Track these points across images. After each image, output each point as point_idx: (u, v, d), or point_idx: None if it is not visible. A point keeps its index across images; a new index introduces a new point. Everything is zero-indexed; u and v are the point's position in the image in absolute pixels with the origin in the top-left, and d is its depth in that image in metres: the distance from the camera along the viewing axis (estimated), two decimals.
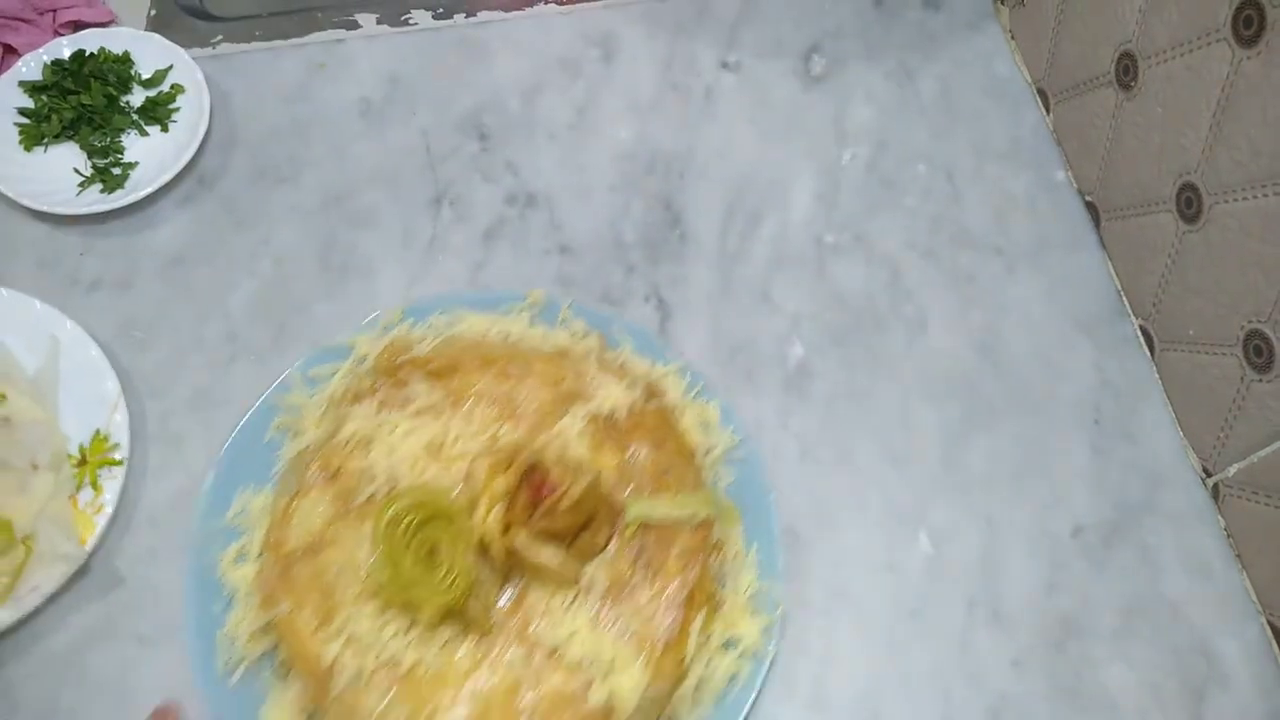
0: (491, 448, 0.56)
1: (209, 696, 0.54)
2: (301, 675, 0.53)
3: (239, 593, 0.56)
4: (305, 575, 0.54)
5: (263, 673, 0.55)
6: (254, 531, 0.58)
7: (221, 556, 0.57)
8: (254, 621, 0.55)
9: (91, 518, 0.59)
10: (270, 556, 0.55)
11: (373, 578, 0.52)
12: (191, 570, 0.57)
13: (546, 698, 0.51)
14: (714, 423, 0.62)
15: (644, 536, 0.56)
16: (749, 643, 0.56)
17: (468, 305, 0.65)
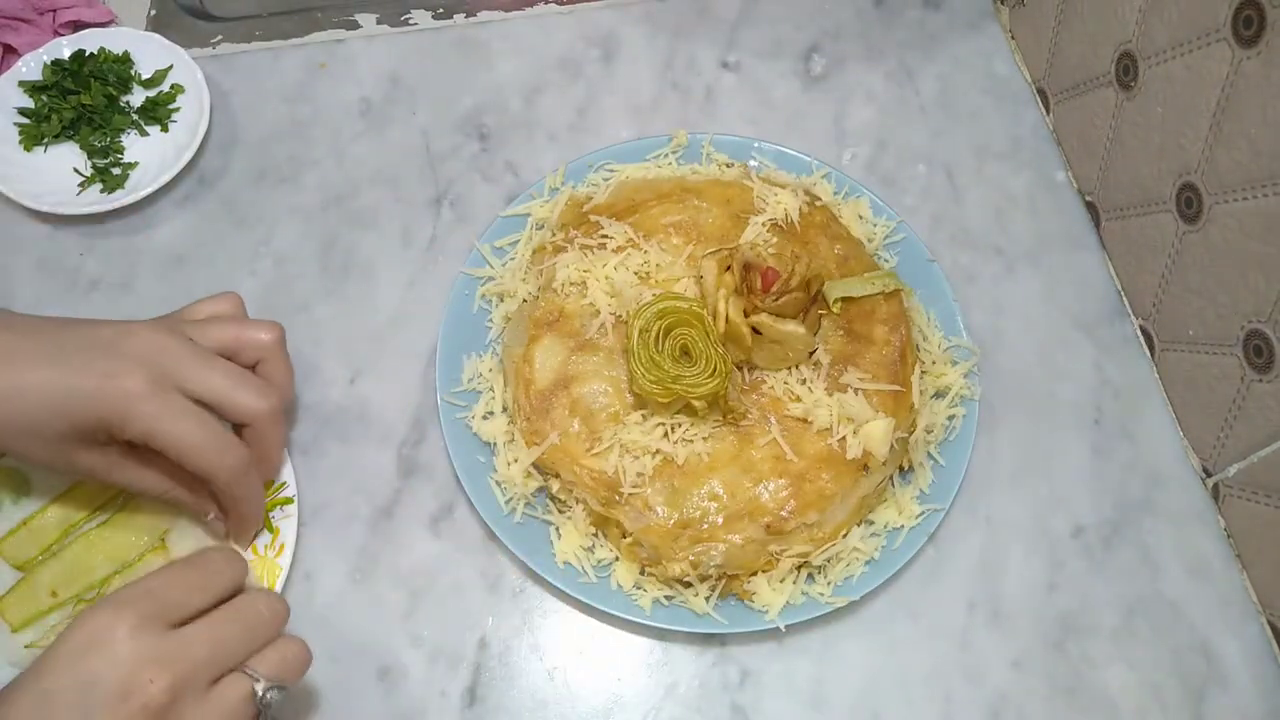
0: (695, 266, 0.62)
1: (501, 534, 0.58)
2: (587, 490, 0.58)
3: (498, 443, 0.61)
4: (562, 407, 0.59)
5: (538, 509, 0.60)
6: (493, 389, 0.63)
7: (470, 417, 0.62)
8: (525, 459, 0.59)
9: (274, 560, 0.58)
10: (524, 399, 0.60)
11: (638, 383, 0.57)
12: (449, 432, 0.61)
13: (811, 458, 0.58)
14: (867, 215, 0.69)
15: (848, 312, 0.62)
16: (956, 389, 0.63)
17: (618, 158, 0.71)
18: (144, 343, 0.51)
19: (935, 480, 0.61)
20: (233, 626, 0.47)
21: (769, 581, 0.57)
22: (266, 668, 0.47)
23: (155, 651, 0.43)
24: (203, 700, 0.45)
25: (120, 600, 0.45)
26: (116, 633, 0.43)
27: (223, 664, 0.45)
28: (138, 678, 0.43)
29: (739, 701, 0.57)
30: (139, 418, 0.50)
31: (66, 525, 0.58)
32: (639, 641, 0.59)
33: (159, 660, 0.43)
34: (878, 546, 0.59)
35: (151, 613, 0.44)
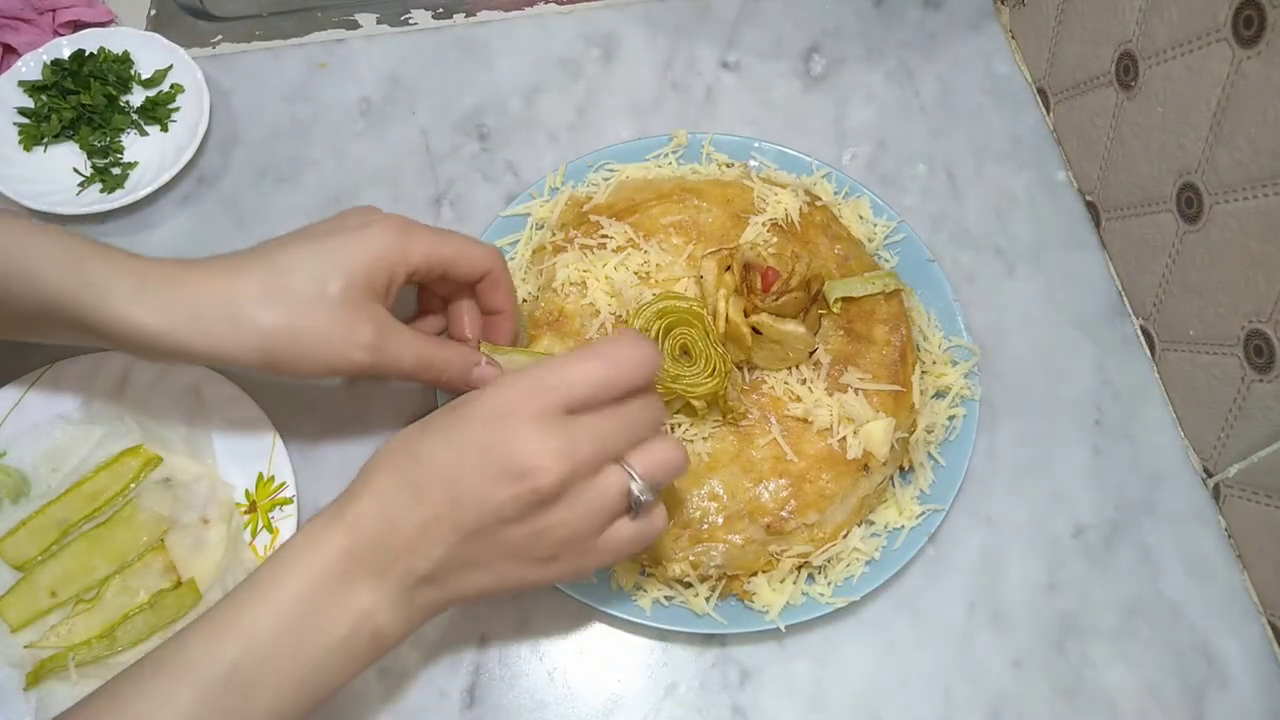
0: (695, 266, 0.62)
1: None
2: None
3: None
4: None
5: None
6: None
7: None
8: None
9: None
10: None
11: None
12: None
13: (811, 458, 0.58)
14: (868, 215, 0.69)
15: (848, 312, 0.62)
16: (956, 389, 0.63)
17: (618, 158, 0.71)
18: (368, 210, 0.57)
19: (935, 480, 0.61)
20: (620, 423, 0.47)
21: (769, 582, 0.57)
22: (643, 466, 0.47)
23: (556, 442, 0.45)
24: (584, 490, 0.46)
25: (537, 383, 0.46)
26: (527, 411, 0.45)
27: (606, 458, 0.47)
28: (536, 463, 0.44)
29: (739, 702, 0.57)
30: (415, 240, 0.54)
31: (65, 525, 0.58)
32: (639, 641, 0.59)
33: (557, 451, 0.45)
34: (878, 546, 0.59)
35: (556, 402, 0.46)
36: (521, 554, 0.47)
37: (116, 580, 0.57)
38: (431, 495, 0.45)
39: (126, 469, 0.60)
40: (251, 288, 0.51)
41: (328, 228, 0.55)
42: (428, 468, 0.46)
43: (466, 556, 0.46)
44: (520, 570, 0.47)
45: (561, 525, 0.46)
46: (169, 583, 0.57)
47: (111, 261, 0.51)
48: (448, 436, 0.46)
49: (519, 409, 0.45)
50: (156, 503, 0.59)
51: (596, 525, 0.47)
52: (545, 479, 0.44)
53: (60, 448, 0.60)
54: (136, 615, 0.56)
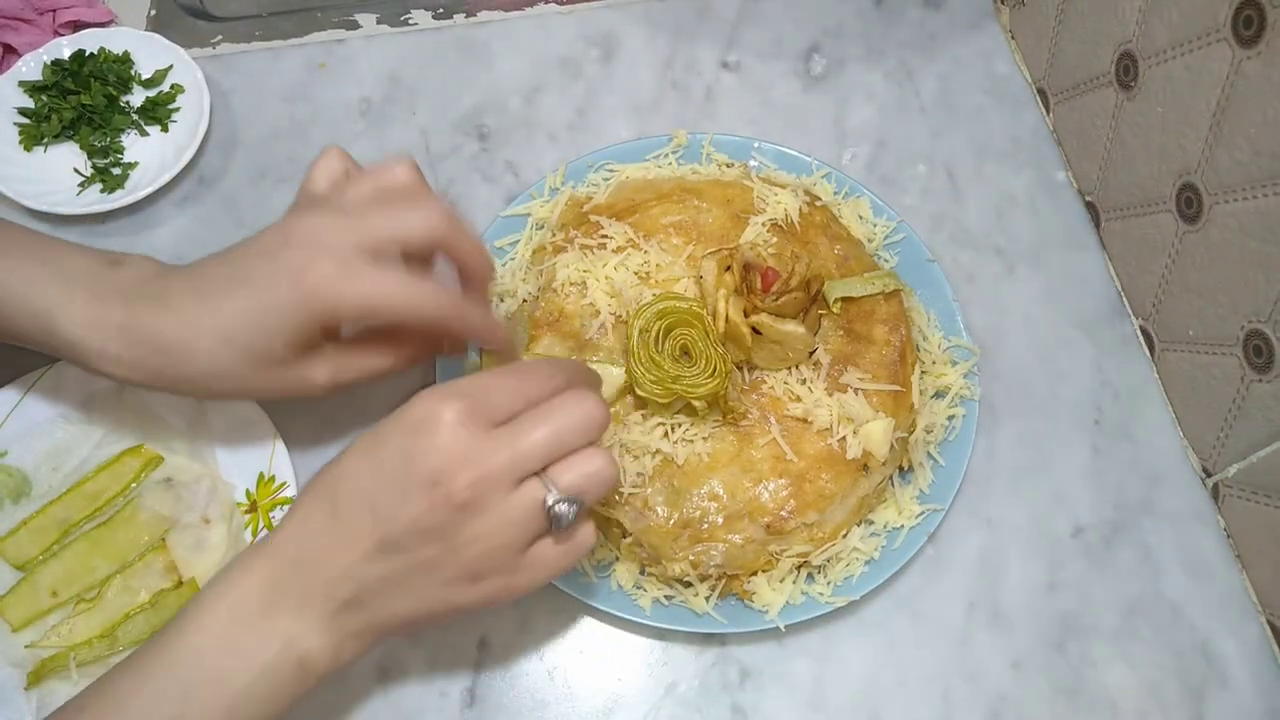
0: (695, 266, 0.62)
1: None
2: None
3: None
4: None
5: None
6: None
7: None
8: None
9: None
10: None
11: (638, 383, 0.56)
12: None
13: (811, 458, 0.58)
14: (867, 215, 0.69)
15: (848, 313, 0.62)
16: (956, 389, 0.63)
17: (618, 158, 0.71)
18: (311, 232, 0.51)
19: (935, 480, 0.61)
20: (541, 430, 0.46)
21: (769, 581, 0.57)
22: (566, 478, 0.46)
23: (470, 449, 0.44)
24: (500, 502, 0.45)
25: (455, 391, 0.45)
26: (443, 420, 0.44)
27: (524, 470, 0.45)
28: (449, 469, 0.44)
29: (739, 701, 0.57)
30: (348, 299, 0.50)
31: (66, 525, 0.58)
32: (639, 641, 0.59)
33: (470, 458, 0.44)
34: (878, 546, 0.59)
35: (476, 410, 0.45)
36: (443, 572, 0.46)
37: (117, 580, 0.57)
38: (350, 512, 0.45)
39: (127, 469, 0.60)
40: (198, 356, 0.51)
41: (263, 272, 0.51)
42: (346, 485, 0.46)
43: (388, 575, 0.45)
44: (445, 592, 0.46)
45: (479, 539, 0.45)
46: (170, 582, 0.57)
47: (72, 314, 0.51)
48: (367, 453, 0.46)
49: (433, 421, 0.44)
50: (157, 502, 0.59)
51: (516, 540, 0.46)
52: (457, 485, 0.44)
53: (61, 448, 0.60)
54: (137, 615, 0.56)
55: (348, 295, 0.50)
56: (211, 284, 0.52)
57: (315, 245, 0.50)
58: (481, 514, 0.45)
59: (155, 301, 0.52)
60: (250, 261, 0.51)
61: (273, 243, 0.52)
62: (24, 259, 0.52)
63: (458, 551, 0.45)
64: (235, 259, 0.52)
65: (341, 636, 0.46)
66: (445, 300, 0.52)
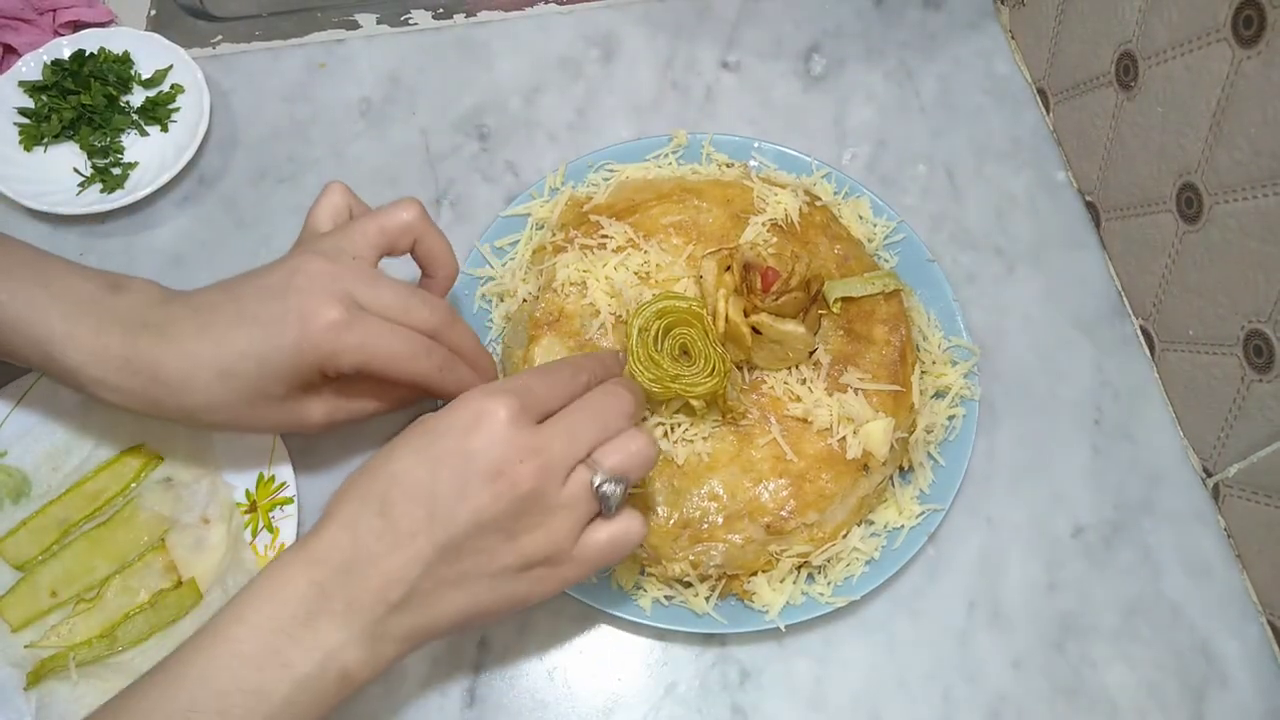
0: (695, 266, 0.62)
1: None
2: None
3: None
4: None
5: None
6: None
7: None
8: None
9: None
10: None
11: (638, 383, 0.56)
12: None
13: (811, 458, 0.58)
14: (867, 215, 0.69)
15: (848, 313, 0.62)
16: (956, 389, 0.63)
17: (618, 158, 0.71)
18: (317, 275, 0.52)
19: (935, 480, 0.61)
20: (584, 418, 0.48)
21: (769, 581, 0.57)
22: (610, 460, 0.48)
23: (526, 439, 0.45)
24: (558, 491, 0.46)
25: (503, 389, 0.47)
26: (498, 416, 0.45)
27: (575, 456, 0.47)
28: (511, 459, 0.45)
29: (739, 701, 0.57)
30: (350, 349, 0.51)
31: (66, 525, 0.58)
32: (639, 641, 0.59)
33: (528, 448, 0.45)
34: (878, 546, 0.59)
35: (526, 406, 0.46)
36: (498, 567, 0.46)
37: (117, 580, 0.57)
38: (405, 514, 0.45)
39: (127, 469, 0.60)
40: (196, 391, 0.52)
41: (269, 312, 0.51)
42: (400, 487, 0.45)
43: (442, 575, 0.45)
44: (495, 588, 0.47)
45: (536, 528, 0.46)
46: (170, 582, 0.57)
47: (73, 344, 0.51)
48: (419, 454, 0.46)
49: (488, 417, 0.45)
50: (157, 502, 0.59)
51: (571, 527, 0.47)
52: (522, 474, 0.45)
53: (61, 448, 0.60)
54: (137, 615, 0.56)
55: (351, 345, 0.51)
56: (215, 317, 0.52)
57: (322, 292, 0.51)
58: (542, 501, 0.46)
59: (156, 332, 0.52)
60: (256, 299, 0.52)
61: (279, 283, 0.52)
62: (25, 282, 0.52)
63: (516, 541, 0.46)
64: (241, 294, 0.52)
65: (386, 643, 0.45)
66: (437, 360, 0.54)
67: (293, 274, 0.52)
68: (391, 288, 0.53)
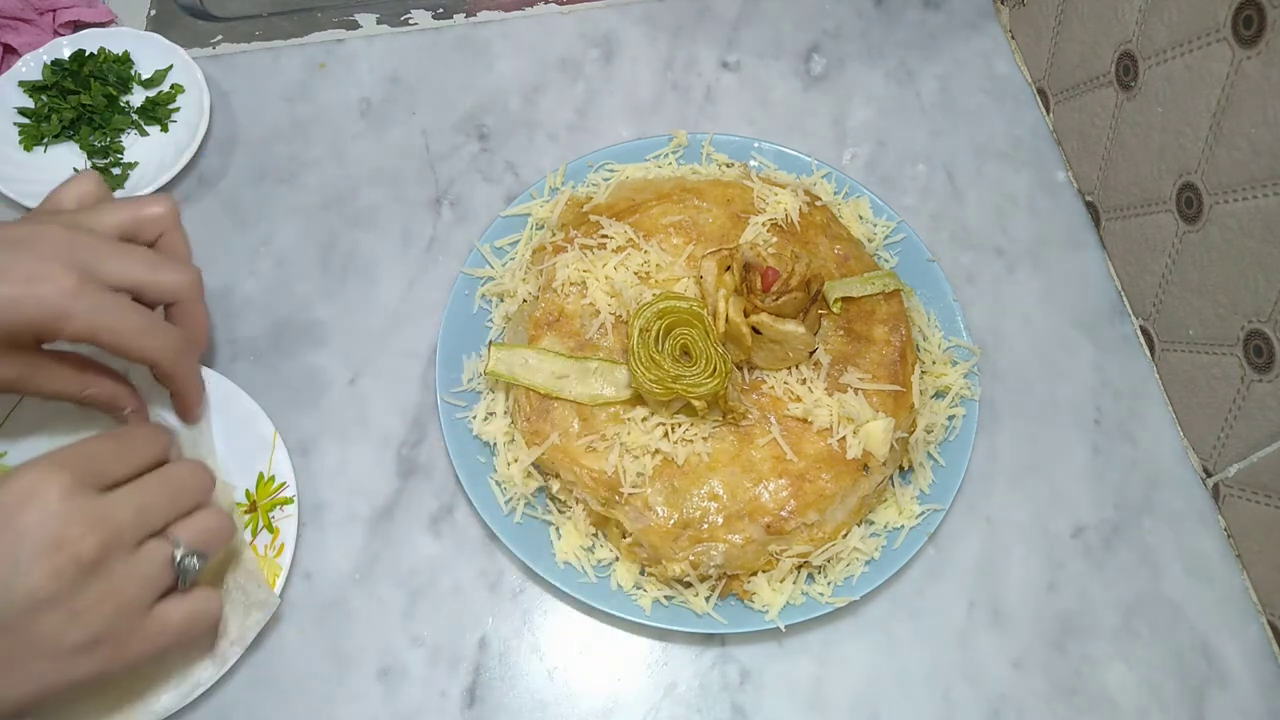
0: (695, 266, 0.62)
1: (502, 535, 0.59)
2: (587, 490, 0.58)
3: (498, 443, 0.61)
4: (563, 407, 0.59)
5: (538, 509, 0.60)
6: (493, 389, 0.63)
7: (470, 417, 0.62)
8: (525, 459, 0.59)
9: (274, 560, 0.58)
10: (524, 399, 0.60)
11: (638, 383, 0.57)
12: (449, 433, 0.61)
13: (811, 458, 0.58)
14: (867, 215, 0.69)
15: (848, 313, 0.62)
16: (956, 389, 0.63)
17: (618, 158, 0.71)
18: (57, 240, 0.49)
19: (935, 480, 0.61)
20: (158, 493, 0.47)
21: (769, 581, 0.57)
22: (188, 534, 0.47)
23: (85, 511, 0.44)
24: (127, 560, 0.45)
25: (54, 462, 0.45)
26: (50, 490, 0.44)
27: (147, 527, 0.46)
28: (69, 532, 0.43)
29: (739, 701, 0.57)
30: (77, 316, 0.49)
31: None
32: (639, 641, 0.59)
33: (88, 519, 0.44)
34: (878, 546, 0.59)
35: (82, 476, 0.45)
36: (56, 645, 0.43)
37: None
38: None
39: None
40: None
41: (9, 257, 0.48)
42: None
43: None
44: (61, 668, 0.44)
45: (103, 600, 0.44)
46: None
47: None
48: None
49: (40, 492, 0.43)
50: None
51: (142, 599, 0.45)
52: (84, 545, 0.43)
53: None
54: None
55: (79, 313, 0.49)
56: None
57: (59, 257, 0.49)
58: (106, 572, 0.44)
59: None
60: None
61: (14, 237, 0.49)
62: None
63: (79, 618, 0.44)
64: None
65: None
66: (170, 341, 0.53)
67: (31, 236, 0.49)
68: (139, 257, 0.52)
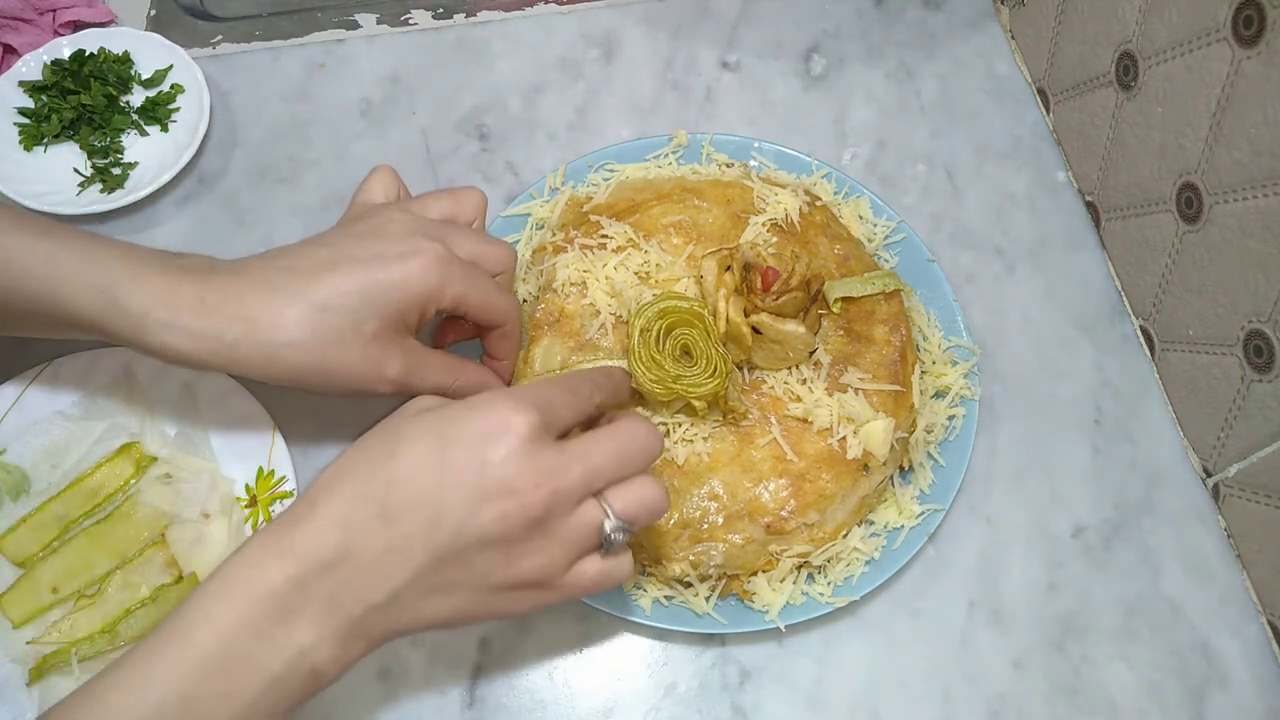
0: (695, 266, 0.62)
1: None
2: None
3: None
4: None
5: None
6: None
7: None
8: None
9: None
10: None
11: (639, 383, 0.56)
12: None
13: (811, 458, 0.58)
14: (867, 215, 0.69)
15: (848, 313, 0.62)
16: (956, 389, 0.63)
17: (618, 158, 0.71)
18: (405, 223, 0.53)
19: (935, 480, 0.61)
20: (608, 455, 0.46)
21: (769, 581, 0.57)
22: (621, 504, 0.46)
23: (542, 462, 0.44)
24: (564, 520, 0.45)
25: (526, 400, 0.45)
26: (520, 430, 0.44)
27: (590, 489, 0.46)
28: (524, 481, 0.44)
29: (739, 701, 0.57)
30: (453, 281, 0.52)
31: (66, 522, 0.58)
32: (639, 641, 0.59)
33: (543, 472, 0.44)
34: (878, 546, 0.59)
35: (546, 422, 0.45)
36: (487, 582, 0.45)
37: (118, 575, 0.57)
38: (406, 518, 0.43)
39: (126, 465, 0.60)
40: (286, 323, 0.50)
41: (368, 252, 0.52)
42: (405, 490, 0.43)
43: (431, 583, 0.44)
44: (479, 600, 0.45)
45: (535, 553, 0.45)
46: (170, 577, 0.57)
47: (141, 286, 0.50)
48: (429, 458, 0.44)
49: (510, 429, 0.44)
50: (157, 498, 0.59)
51: (567, 557, 0.46)
52: (533, 498, 0.43)
53: (60, 444, 0.60)
54: (138, 610, 0.56)
55: (456, 278, 0.52)
56: (299, 262, 0.52)
57: (420, 234, 0.53)
58: (546, 528, 0.45)
59: (231, 273, 0.51)
60: (351, 243, 0.52)
61: (369, 230, 0.53)
62: (80, 238, 0.51)
63: (512, 562, 0.45)
64: (327, 243, 0.53)
65: (357, 642, 0.44)
66: (515, 305, 0.57)
67: (384, 223, 0.53)
68: (469, 237, 0.55)
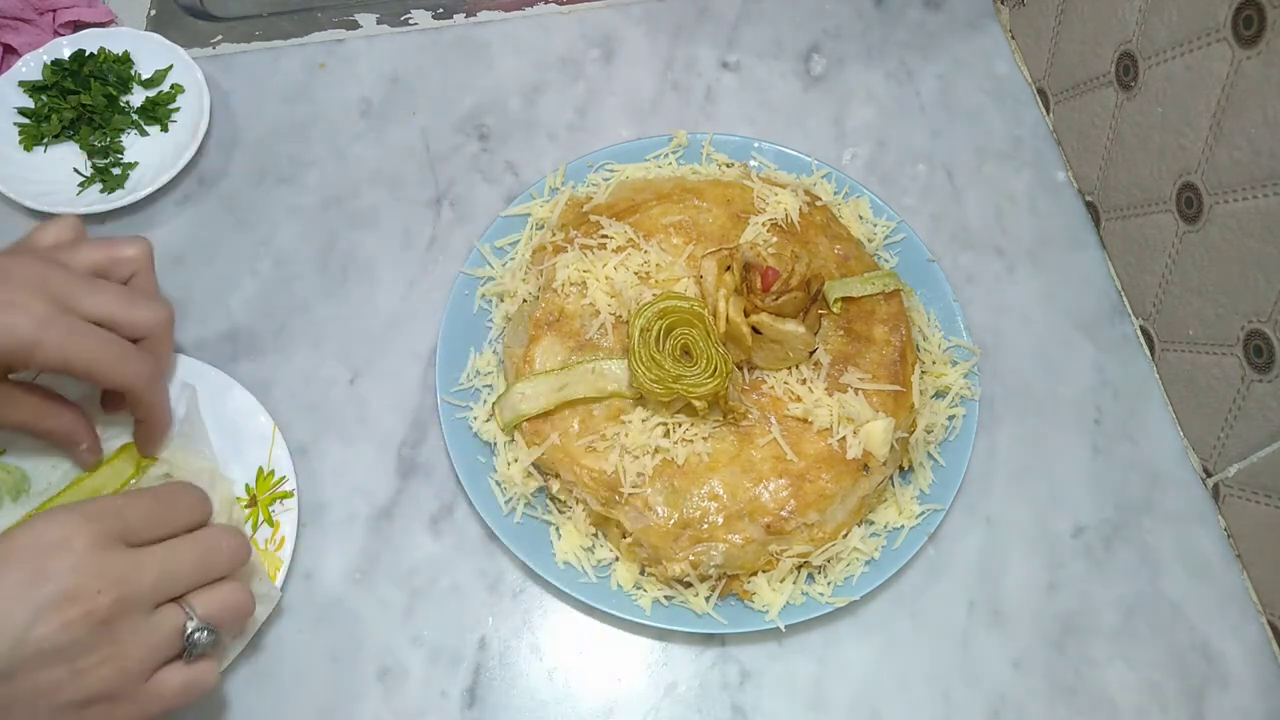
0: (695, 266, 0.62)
1: (502, 535, 0.59)
2: (588, 490, 0.58)
3: (498, 443, 0.61)
4: (563, 408, 0.59)
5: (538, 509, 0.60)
6: (494, 389, 0.63)
7: (470, 417, 0.62)
8: (525, 459, 0.59)
9: (274, 554, 0.58)
10: None
11: (639, 382, 0.57)
12: (449, 432, 0.61)
13: (811, 458, 0.58)
14: (867, 215, 0.69)
15: (848, 313, 0.62)
16: (956, 389, 0.63)
17: (618, 158, 0.71)
18: (30, 272, 0.50)
19: (935, 480, 0.61)
20: (186, 559, 0.46)
21: (769, 581, 0.57)
22: (205, 607, 0.47)
23: (108, 567, 0.44)
24: (139, 623, 0.45)
25: (86, 512, 0.45)
26: (77, 541, 0.44)
27: (167, 593, 0.46)
28: (88, 586, 0.43)
29: (739, 701, 0.57)
30: (50, 343, 0.49)
31: None
32: (639, 641, 0.59)
33: (110, 576, 0.44)
34: (878, 546, 0.59)
35: (113, 531, 0.45)
36: (55, 701, 0.43)
37: None
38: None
39: (126, 464, 0.60)
40: None
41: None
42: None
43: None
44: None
45: (105, 662, 0.44)
46: None
47: None
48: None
49: (65, 543, 0.43)
50: None
51: (144, 666, 0.45)
52: (98, 602, 0.43)
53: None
54: None
55: (51, 341, 0.49)
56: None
57: (30, 287, 0.49)
58: (115, 634, 0.44)
59: None
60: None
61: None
62: None
63: (81, 675, 0.43)
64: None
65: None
66: (141, 369, 0.53)
67: (5, 268, 0.50)
68: (114, 291, 0.52)
